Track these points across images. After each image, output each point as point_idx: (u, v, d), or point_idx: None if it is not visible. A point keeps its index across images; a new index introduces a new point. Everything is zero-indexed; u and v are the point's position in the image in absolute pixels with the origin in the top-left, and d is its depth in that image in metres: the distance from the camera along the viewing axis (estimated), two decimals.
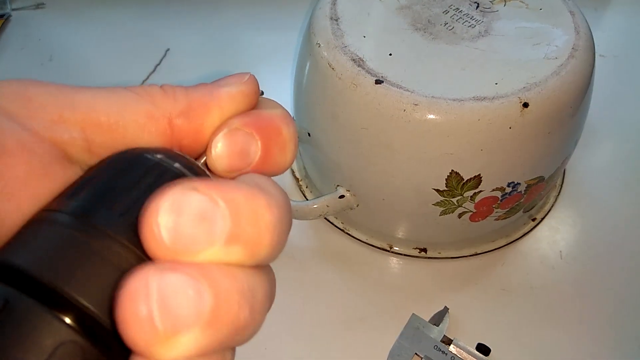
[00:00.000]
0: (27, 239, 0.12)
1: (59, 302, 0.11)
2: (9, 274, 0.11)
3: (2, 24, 0.62)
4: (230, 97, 0.16)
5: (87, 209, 0.12)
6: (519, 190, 0.39)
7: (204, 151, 0.16)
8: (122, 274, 0.11)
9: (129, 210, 0.12)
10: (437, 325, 0.39)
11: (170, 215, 0.12)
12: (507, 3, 0.41)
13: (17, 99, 0.14)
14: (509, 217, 0.42)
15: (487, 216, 0.41)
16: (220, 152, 0.16)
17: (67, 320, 0.11)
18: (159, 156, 0.14)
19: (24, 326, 0.10)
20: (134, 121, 0.15)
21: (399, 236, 0.44)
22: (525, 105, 0.34)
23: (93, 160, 0.15)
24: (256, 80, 0.17)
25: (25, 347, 0.10)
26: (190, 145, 0.16)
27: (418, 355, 0.38)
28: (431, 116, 0.34)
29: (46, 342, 0.10)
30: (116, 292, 0.11)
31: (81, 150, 0.15)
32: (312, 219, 0.43)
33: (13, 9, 0.64)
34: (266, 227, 0.13)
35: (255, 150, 0.16)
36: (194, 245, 0.12)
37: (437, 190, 0.37)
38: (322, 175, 0.45)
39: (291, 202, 0.43)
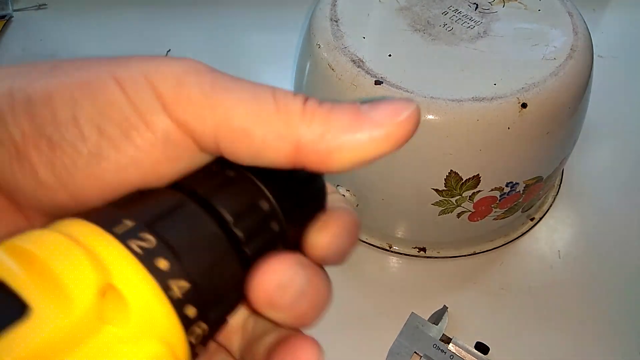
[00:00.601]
0: (202, 175, 0.16)
1: (213, 211, 0.15)
2: (187, 192, 0.15)
3: (4, 24, 0.63)
4: (371, 141, 0.15)
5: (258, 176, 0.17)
6: (517, 190, 0.39)
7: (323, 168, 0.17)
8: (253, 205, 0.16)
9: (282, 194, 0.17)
10: (437, 324, 0.39)
11: (282, 280, 0.15)
12: (505, 4, 0.41)
13: (170, 81, 0.15)
14: (507, 216, 0.42)
15: (486, 216, 0.41)
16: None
17: (217, 223, 0.15)
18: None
19: (189, 216, 0.15)
20: (263, 136, 0.15)
21: (399, 235, 0.44)
22: (524, 105, 0.35)
23: (212, 157, 0.16)
24: (418, 117, 0.15)
25: (190, 231, 0.14)
26: (309, 165, 0.16)
27: (417, 354, 0.38)
28: (430, 116, 0.34)
29: (202, 232, 0.15)
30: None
31: (209, 147, 0.15)
32: None
33: (15, 10, 0.64)
34: (318, 314, 0.17)
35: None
36: (280, 307, 0.15)
37: (436, 190, 0.38)
38: None
39: None
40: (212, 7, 0.66)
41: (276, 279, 0.15)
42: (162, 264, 0.13)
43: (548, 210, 0.48)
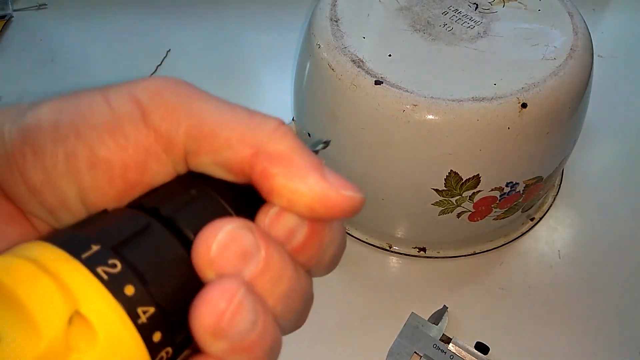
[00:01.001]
0: (166, 194, 0.16)
1: (177, 232, 0.15)
2: (152, 212, 0.16)
3: (4, 24, 0.63)
4: (312, 190, 0.15)
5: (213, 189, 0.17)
6: (517, 190, 0.39)
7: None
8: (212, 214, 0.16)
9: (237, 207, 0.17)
10: (437, 324, 0.39)
11: (225, 237, 0.15)
12: (505, 4, 0.41)
13: (150, 91, 0.16)
14: (507, 216, 0.42)
15: (486, 216, 0.41)
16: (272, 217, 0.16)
17: (180, 242, 0.15)
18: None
19: (155, 238, 0.15)
20: (228, 137, 0.16)
21: (399, 236, 0.44)
22: (524, 105, 0.35)
23: (177, 172, 0.17)
24: (358, 205, 0.16)
25: (155, 255, 0.15)
26: (254, 177, 0.16)
27: (417, 354, 0.38)
28: (430, 116, 0.34)
29: (168, 255, 0.15)
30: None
31: (176, 154, 0.16)
32: None
33: (15, 10, 0.64)
34: (280, 293, 0.15)
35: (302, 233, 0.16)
36: (224, 268, 0.14)
37: (436, 190, 0.38)
38: None
39: None
40: (212, 7, 0.66)
41: (217, 232, 0.15)
42: (129, 290, 0.14)
43: (548, 210, 0.48)
